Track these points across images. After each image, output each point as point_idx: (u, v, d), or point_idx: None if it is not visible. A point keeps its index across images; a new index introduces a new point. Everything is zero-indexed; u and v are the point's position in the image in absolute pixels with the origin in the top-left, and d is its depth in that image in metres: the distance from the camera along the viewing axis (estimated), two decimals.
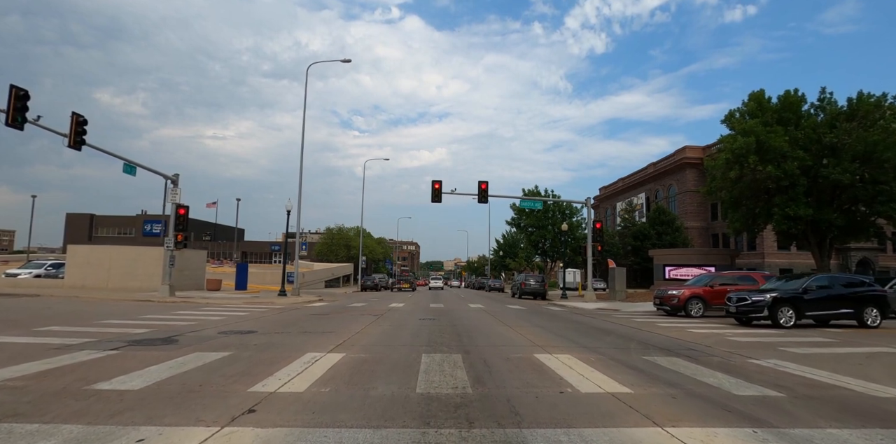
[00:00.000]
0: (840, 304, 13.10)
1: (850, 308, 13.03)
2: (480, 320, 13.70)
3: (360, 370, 6.01)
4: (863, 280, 14.13)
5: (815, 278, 13.74)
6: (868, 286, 13.69)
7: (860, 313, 13.04)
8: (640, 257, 45.31)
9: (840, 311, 13.05)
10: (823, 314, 13.12)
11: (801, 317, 12.80)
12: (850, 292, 13.33)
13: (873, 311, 13.09)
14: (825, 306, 13.03)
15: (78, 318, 11.83)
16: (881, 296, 13.42)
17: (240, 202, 66.20)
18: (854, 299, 13.20)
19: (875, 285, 13.91)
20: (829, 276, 14.46)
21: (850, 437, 3.68)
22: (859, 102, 24.34)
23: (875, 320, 13.00)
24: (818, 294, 13.07)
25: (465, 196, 26.86)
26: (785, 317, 12.63)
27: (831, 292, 13.18)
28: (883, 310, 13.21)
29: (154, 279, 25.33)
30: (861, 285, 13.69)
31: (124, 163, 20.48)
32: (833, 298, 13.15)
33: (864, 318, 13.00)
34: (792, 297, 12.92)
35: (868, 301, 13.19)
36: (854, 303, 13.10)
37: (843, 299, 13.17)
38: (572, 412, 4.19)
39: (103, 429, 3.50)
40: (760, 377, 6.04)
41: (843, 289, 13.39)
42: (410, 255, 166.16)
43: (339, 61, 27.82)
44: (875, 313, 13.07)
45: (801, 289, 13.07)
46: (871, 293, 13.40)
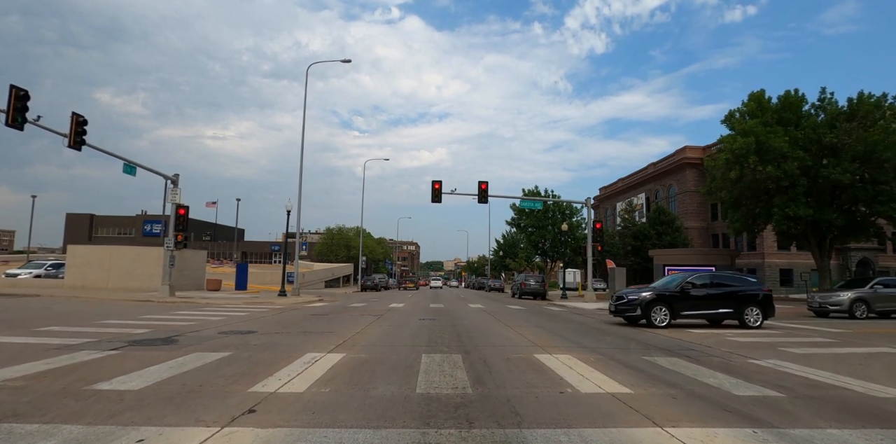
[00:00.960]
0: (720, 303, 12.70)
1: (731, 308, 12.65)
2: (480, 321, 13.70)
3: (360, 370, 6.01)
4: (748, 279, 13.68)
5: (695, 276, 13.38)
6: (753, 286, 13.27)
7: (741, 313, 12.63)
8: (640, 257, 45.28)
9: (719, 311, 12.70)
10: (700, 314, 12.79)
11: (676, 316, 12.47)
12: (733, 291, 12.90)
13: (755, 311, 12.68)
14: (703, 305, 12.67)
15: (78, 318, 11.83)
16: (765, 296, 12.95)
17: (240, 202, 66.23)
18: (736, 298, 12.78)
19: (759, 285, 13.41)
20: (713, 274, 14.01)
21: (850, 437, 3.68)
22: (859, 103, 24.35)
23: (756, 321, 12.57)
24: (697, 293, 12.70)
25: (465, 196, 26.87)
26: (659, 316, 12.30)
27: (711, 292, 12.78)
28: (765, 310, 12.76)
29: (154, 279, 25.33)
30: (746, 284, 13.27)
31: (124, 163, 20.48)
32: (713, 297, 12.75)
33: (745, 318, 12.61)
34: (668, 296, 12.61)
35: (750, 301, 12.77)
36: (735, 303, 12.68)
37: (723, 298, 12.75)
38: (572, 413, 4.19)
39: (103, 429, 3.50)
40: (760, 377, 6.04)
41: (726, 288, 12.96)
42: (410, 255, 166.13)
43: (339, 61, 27.83)
44: (757, 314, 12.64)
45: (678, 288, 12.77)
46: (753, 293, 12.96)
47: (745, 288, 13.09)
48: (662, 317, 12.34)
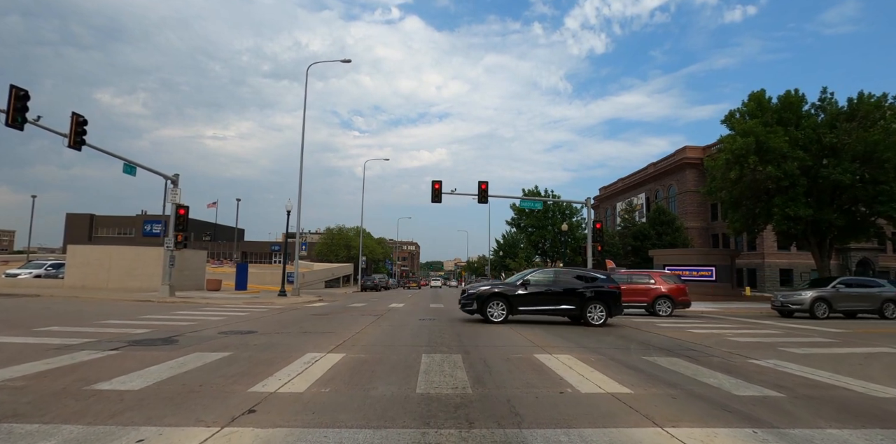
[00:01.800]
0: (561, 300, 12.43)
1: (572, 305, 12.35)
2: (480, 320, 13.68)
3: (360, 370, 6.01)
4: (596, 276, 13.15)
5: (537, 271, 13.19)
6: (599, 282, 12.80)
7: (582, 310, 12.34)
8: (640, 257, 45.26)
9: (559, 307, 12.45)
10: (539, 310, 12.52)
11: (514, 312, 12.29)
12: (575, 287, 12.53)
13: (598, 308, 12.37)
14: (543, 301, 12.40)
15: (78, 318, 11.83)
16: (609, 293, 12.57)
17: (240, 202, 66.21)
18: (579, 295, 12.42)
19: (607, 282, 12.91)
20: (557, 270, 13.67)
21: (850, 437, 3.68)
22: (859, 103, 24.35)
23: (600, 319, 12.29)
24: (538, 289, 12.47)
25: (465, 196, 26.86)
26: (496, 311, 12.17)
27: (552, 288, 12.53)
28: (610, 308, 12.47)
29: (154, 279, 25.33)
30: (591, 281, 12.79)
31: (124, 163, 20.47)
32: (554, 293, 12.47)
33: (588, 316, 12.34)
34: (505, 291, 12.40)
35: (595, 298, 12.44)
36: (578, 299, 12.39)
37: (565, 295, 12.46)
38: (572, 413, 4.19)
39: (103, 429, 3.50)
40: (760, 377, 6.04)
41: (569, 285, 12.61)
42: (410, 255, 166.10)
43: (339, 62, 27.82)
44: (601, 311, 12.36)
45: (518, 283, 12.55)
46: (598, 290, 12.54)
47: (590, 285, 12.67)
48: (500, 312, 12.21)
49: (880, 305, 17.14)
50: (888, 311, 17.10)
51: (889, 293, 17.36)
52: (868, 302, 17.27)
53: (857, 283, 17.95)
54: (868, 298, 17.31)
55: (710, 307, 22.04)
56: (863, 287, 17.65)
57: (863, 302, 17.31)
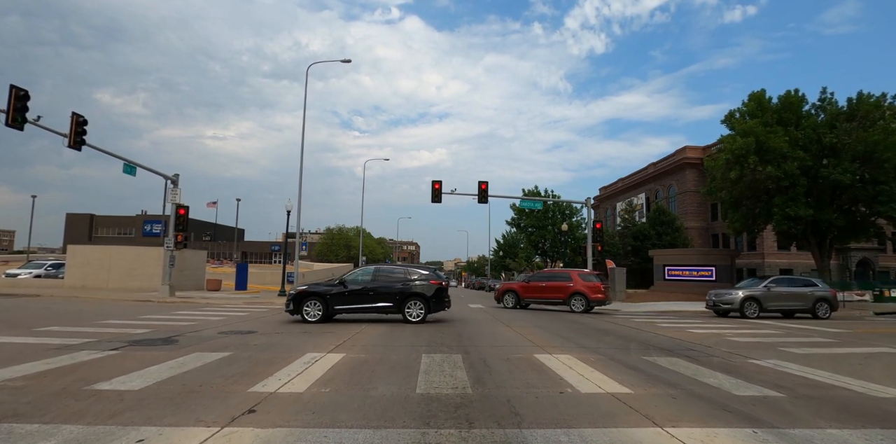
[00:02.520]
0: (378, 298, 12.31)
1: (390, 302, 12.28)
2: (480, 320, 13.70)
3: (360, 370, 6.01)
4: (420, 272, 12.91)
5: (359, 269, 13.16)
6: (420, 278, 12.56)
7: (401, 307, 12.25)
8: (640, 257, 45.28)
9: (377, 305, 12.32)
10: (356, 308, 12.38)
11: (330, 312, 12.17)
12: (394, 285, 12.40)
13: (418, 305, 12.25)
14: (360, 300, 12.30)
15: (78, 318, 11.83)
16: (430, 289, 12.39)
17: (240, 202, 66.24)
18: (399, 292, 12.33)
19: (429, 278, 12.62)
20: (378, 267, 13.47)
21: (850, 437, 3.68)
22: (859, 103, 24.35)
23: (419, 316, 12.16)
24: (356, 287, 12.33)
25: (465, 196, 26.86)
26: (313, 311, 12.05)
27: (371, 286, 12.38)
28: (429, 304, 12.27)
29: (154, 279, 25.33)
30: (411, 278, 12.62)
31: (124, 163, 20.47)
32: (372, 291, 12.34)
33: (406, 312, 12.24)
34: (322, 291, 12.27)
35: (413, 295, 12.31)
36: (396, 297, 12.29)
37: (383, 292, 12.32)
38: (572, 413, 4.19)
39: (103, 429, 3.50)
40: (760, 377, 6.04)
41: (387, 282, 12.48)
42: (410, 255, 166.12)
43: (339, 61, 27.80)
44: (420, 308, 12.19)
45: (338, 281, 12.49)
46: (417, 287, 12.42)
47: (410, 282, 12.50)
48: (316, 312, 12.08)
49: (812, 304, 16.88)
50: (821, 310, 16.83)
51: (821, 293, 17.11)
52: (800, 301, 17.02)
53: (790, 282, 17.77)
54: (800, 297, 17.06)
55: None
56: (795, 286, 17.42)
57: (795, 301, 17.07)
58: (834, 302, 17.37)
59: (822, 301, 17.03)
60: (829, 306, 17.06)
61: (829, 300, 17.12)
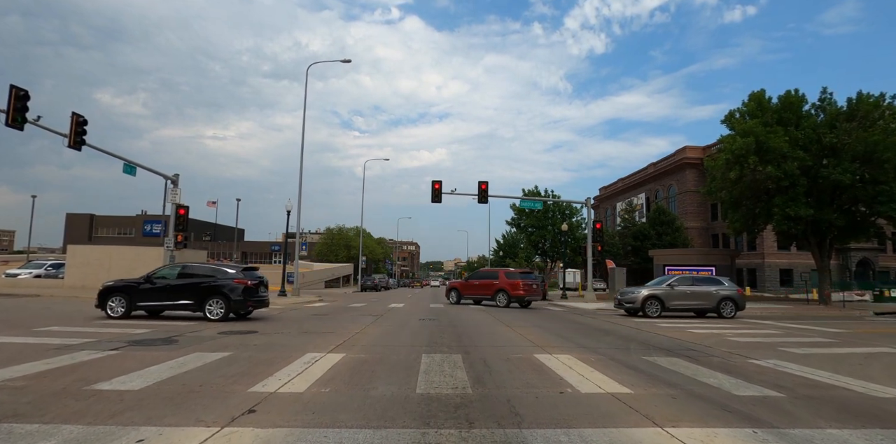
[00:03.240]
0: (181, 295, 12.17)
1: (191, 300, 12.17)
2: (480, 321, 13.70)
3: (360, 370, 6.01)
4: (224, 270, 12.81)
5: (168, 265, 13.23)
6: (222, 276, 12.47)
7: (202, 305, 12.13)
8: (640, 257, 45.27)
9: (179, 302, 12.16)
10: (159, 305, 12.26)
11: (133, 308, 12.11)
12: (199, 282, 12.28)
13: (218, 303, 12.09)
14: (164, 296, 12.18)
15: (78, 318, 11.83)
16: (231, 287, 12.16)
17: (240, 202, 66.20)
18: (201, 290, 12.19)
19: (234, 277, 12.45)
20: (186, 264, 13.31)
21: (850, 437, 3.68)
22: (859, 103, 24.32)
23: (218, 314, 11.99)
24: (161, 283, 12.26)
25: (465, 196, 26.86)
26: (116, 306, 12.01)
27: (174, 283, 12.27)
28: (230, 302, 12.04)
29: None
30: (214, 275, 12.50)
31: (124, 163, 20.46)
32: (176, 288, 12.20)
33: (207, 310, 12.04)
34: (127, 286, 12.31)
35: (214, 293, 12.10)
36: (199, 295, 12.15)
37: (187, 289, 12.19)
38: (572, 413, 4.19)
39: (103, 429, 3.50)
40: (760, 377, 6.04)
41: (192, 279, 12.37)
42: (410, 255, 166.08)
43: (339, 62, 27.82)
44: (221, 306, 12.04)
45: (143, 277, 12.45)
46: (218, 284, 12.19)
47: (212, 279, 12.43)
48: (119, 308, 11.99)
49: (717, 303, 16.44)
50: (725, 310, 16.40)
51: (727, 292, 16.68)
52: (705, 300, 16.58)
53: (694, 280, 17.43)
54: (704, 296, 16.62)
55: None
56: (700, 285, 17.06)
57: (699, 300, 16.63)
58: (740, 301, 16.73)
59: (728, 300, 16.51)
60: (734, 306, 16.54)
61: (734, 299, 16.57)
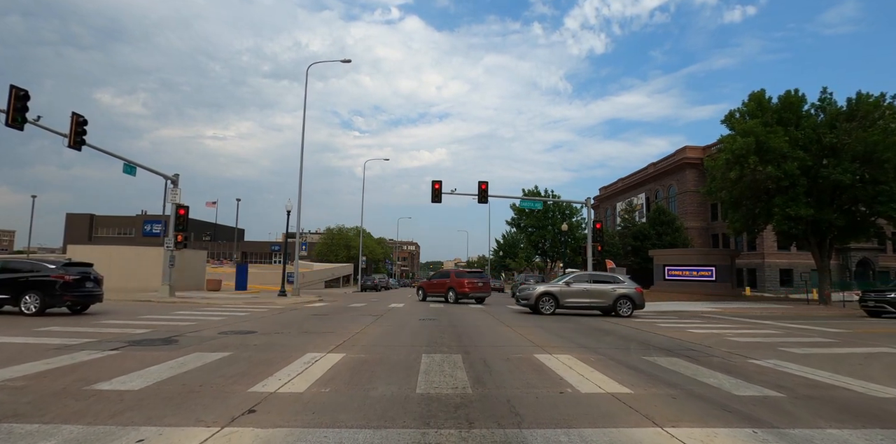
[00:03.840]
0: None
1: (8, 295, 12.28)
2: (480, 321, 13.69)
3: (360, 370, 6.01)
4: (42, 266, 12.75)
5: None
6: (40, 270, 12.50)
7: (18, 300, 12.16)
8: (640, 257, 45.27)
9: None
10: None
11: None
12: (17, 277, 12.35)
13: (34, 298, 12.12)
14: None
15: (78, 318, 11.83)
16: (47, 282, 12.15)
17: (240, 202, 66.19)
18: (18, 286, 12.23)
19: (52, 272, 12.45)
20: (7, 259, 13.36)
21: (850, 437, 3.68)
22: (858, 103, 24.33)
23: (34, 309, 11.98)
24: None
25: (465, 196, 26.87)
26: None
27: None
28: (44, 298, 12.07)
29: (154, 280, 25.33)
30: (30, 270, 12.55)
31: (124, 163, 20.48)
32: None
33: (23, 305, 12.07)
34: None
35: (30, 288, 12.21)
36: (15, 289, 12.21)
37: (4, 285, 12.24)
38: (572, 413, 4.19)
39: (103, 429, 3.50)
40: (760, 377, 6.04)
41: (11, 276, 12.41)
42: (410, 255, 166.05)
43: (339, 61, 27.82)
44: (37, 301, 12.02)
45: None
46: (34, 279, 12.30)
47: (34, 275, 12.41)
48: None
49: (613, 302, 16.16)
50: (622, 308, 16.10)
51: (624, 290, 16.31)
52: (601, 298, 16.34)
53: (591, 278, 17.15)
54: (600, 294, 16.39)
55: (709, 307, 22.03)
56: (597, 283, 16.73)
57: (595, 298, 16.39)
58: (638, 300, 16.31)
59: (625, 298, 16.19)
60: (631, 304, 16.19)
61: (631, 298, 16.21)
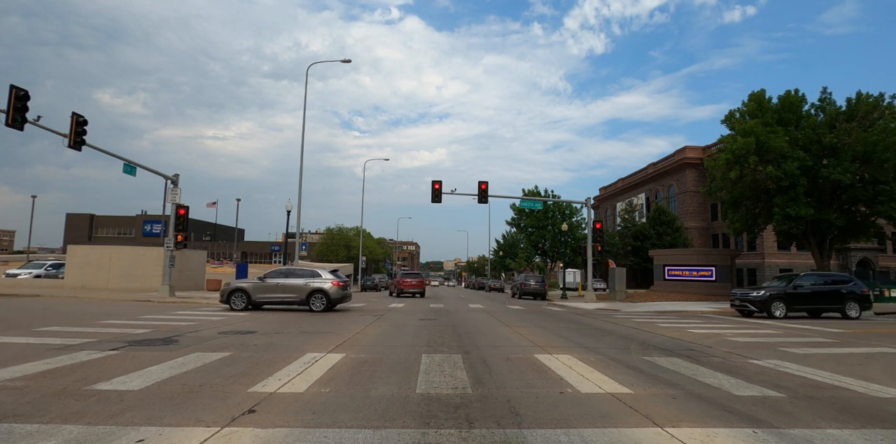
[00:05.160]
0: None
1: None
2: (481, 321, 13.70)
3: (360, 370, 6.01)
4: None
5: None
6: None
7: None
8: (641, 257, 45.30)
9: None
10: None
11: None
12: None
13: None
14: None
15: (78, 318, 11.83)
16: None
17: (240, 202, 66.21)
18: None
19: None
20: None
21: (850, 437, 3.68)
22: (858, 103, 24.34)
23: None
24: None
25: (465, 196, 26.89)
26: None
27: None
28: None
29: (154, 280, 25.33)
30: None
31: (124, 163, 20.47)
32: None
33: None
34: None
35: None
36: None
37: None
38: (572, 413, 4.19)
39: (103, 429, 3.50)
40: (761, 377, 6.04)
41: None
42: (410, 255, 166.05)
43: (339, 62, 27.84)
44: None
45: None
46: None
47: None
48: None
49: (307, 296, 15.75)
50: (315, 302, 15.73)
51: (318, 284, 15.86)
52: (293, 293, 15.86)
53: (289, 273, 16.48)
54: (293, 289, 15.89)
55: (709, 307, 22.03)
56: (291, 278, 16.20)
57: (288, 293, 15.93)
58: (334, 295, 15.82)
59: (319, 293, 15.75)
60: (326, 299, 15.69)
61: (326, 292, 15.73)
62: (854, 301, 16.86)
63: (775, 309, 16.47)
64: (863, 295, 17.02)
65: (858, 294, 16.96)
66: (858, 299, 16.89)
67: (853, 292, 16.99)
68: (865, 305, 17.08)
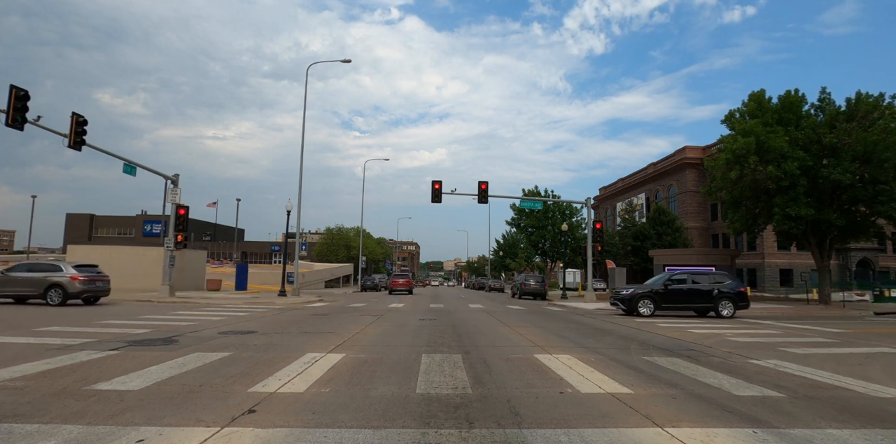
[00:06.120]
0: None
1: None
2: (481, 321, 13.69)
3: (360, 370, 6.01)
4: None
5: None
6: None
7: None
8: (640, 257, 45.29)
9: None
10: None
11: None
12: None
13: None
14: None
15: (78, 318, 11.83)
16: None
17: (240, 202, 66.20)
18: None
19: None
20: None
21: (850, 437, 3.68)
22: (858, 103, 24.34)
23: None
24: None
25: (465, 196, 26.88)
26: None
27: None
28: None
29: (154, 280, 25.33)
30: None
31: (124, 163, 20.48)
32: None
33: None
34: None
35: None
36: None
37: None
38: (572, 413, 4.19)
39: (103, 429, 3.50)
40: (761, 377, 6.04)
41: None
42: (410, 255, 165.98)
43: (339, 62, 27.83)
44: None
45: None
46: None
47: None
48: None
49: (45, 290, 15.76)
50: (53, 296, 15.69)
51: (57, 278, 15.88)
52: (31, 287, 15.97)
53: (29, 268, 16.70)
54: (31, 282, 15.98)
55: None
56: (30, 272, 16.27)
57: (25, 287, 16.03)
58: (70, 288, 15.78)
59: (57, 287, 15.78)
60: (62, 292, 15.72)
61: (63, 286, 15.77)
62: (727, 300, 16.53)
63: (642, 307, 16.37)
64: (738, 294, 16.68)
65: (733, 293, 16.64)
66: (732, 298, 16.57)
67: (727, 290, 16.64)
68: (741, 304, 16.71)
